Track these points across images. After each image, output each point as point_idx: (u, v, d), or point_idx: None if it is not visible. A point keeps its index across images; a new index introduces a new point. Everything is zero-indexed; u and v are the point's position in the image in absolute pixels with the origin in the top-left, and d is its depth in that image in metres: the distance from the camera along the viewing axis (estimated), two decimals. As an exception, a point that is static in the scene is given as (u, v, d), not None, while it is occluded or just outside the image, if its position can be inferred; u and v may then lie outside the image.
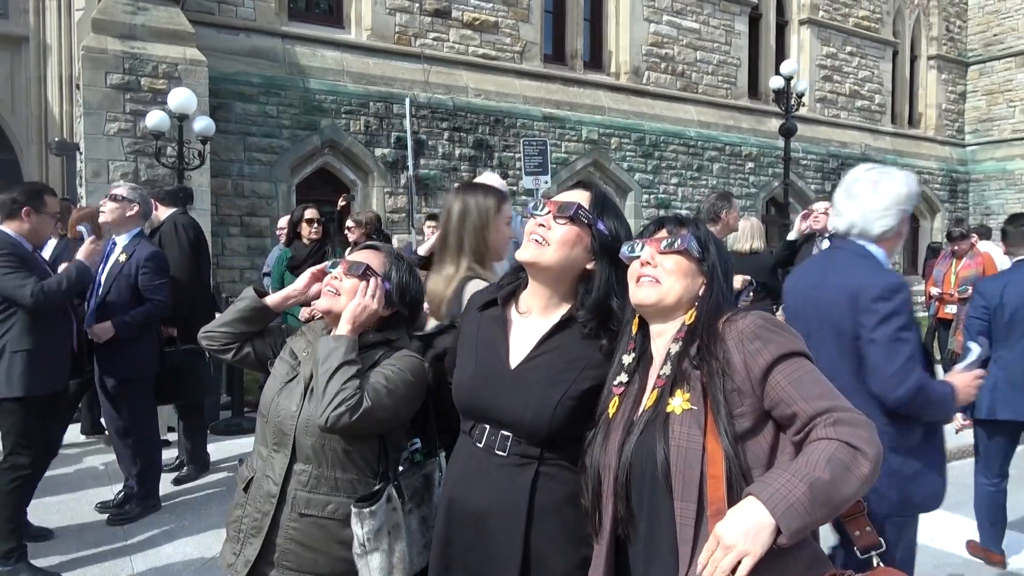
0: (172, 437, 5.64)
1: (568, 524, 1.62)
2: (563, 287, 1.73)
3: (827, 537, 2.07)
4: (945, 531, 4.44)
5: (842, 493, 1.26)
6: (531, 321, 1.76)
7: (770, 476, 1.30)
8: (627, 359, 1.59)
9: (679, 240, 1.54)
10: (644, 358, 1.59)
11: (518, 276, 1.83)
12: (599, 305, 1.69)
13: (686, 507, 1.36)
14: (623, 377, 1.58)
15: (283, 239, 6.35)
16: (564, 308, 1.73)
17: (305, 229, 5.78)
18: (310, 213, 5.87)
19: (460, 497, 1.71)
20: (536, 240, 1.69)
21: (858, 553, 1.49)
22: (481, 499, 1.67)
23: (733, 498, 1.32)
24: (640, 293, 1.54)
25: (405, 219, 11.18)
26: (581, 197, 1.74)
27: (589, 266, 1.71)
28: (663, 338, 1.55)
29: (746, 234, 5.32)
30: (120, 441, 4.52)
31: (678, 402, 1.42)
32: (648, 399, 1.49)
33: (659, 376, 1.50)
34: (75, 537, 4.07)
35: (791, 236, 5.73)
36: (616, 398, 1.56)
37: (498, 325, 1.78)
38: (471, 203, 2.28)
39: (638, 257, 1.57)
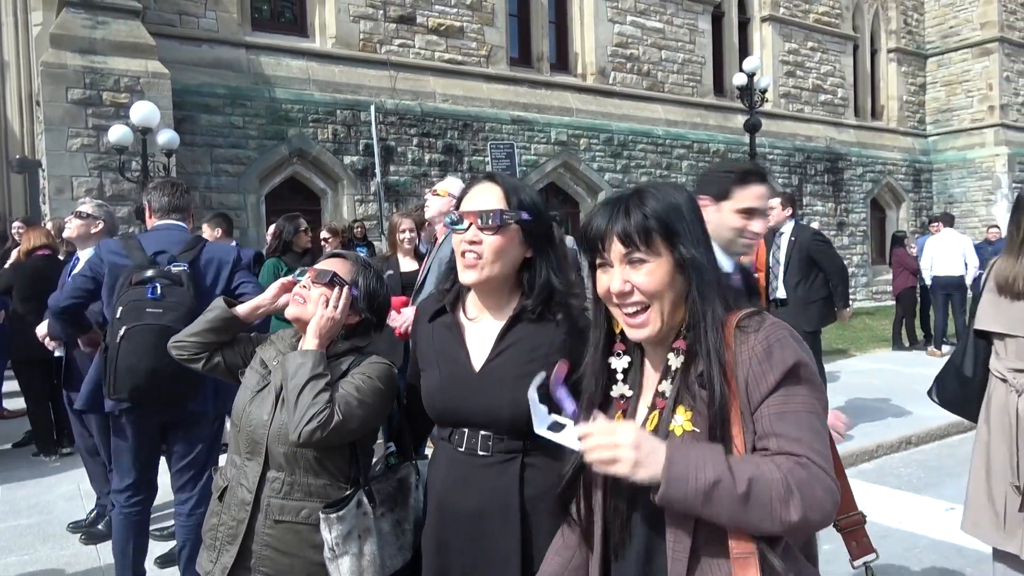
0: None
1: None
2: (508, 284, 1.74)
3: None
4: (913, 513, 4.54)
5: (748, 518, 1.14)
6: (484, 321, 1.76)
7: (701, 448, 1.18)
8: (619, 364, 1.38)
9: (651, 248, 1.29)
10: (634, 359, 1.40)
11: (457, 279, 1.77)
12: (544, 288, 1.70)
13: (679, 537, 1.22)
14: (625, 389, 1.37)
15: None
16: (514, 301, 1.74)
17: (303, 239, 5.90)
18: (303, 224, 5.97)
19: (450, 501, 1.71)
20: (471, 262, 1.66)
21: (852, 564, 1.43)
22: (472, 500, 1.67)
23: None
24: (636, 333, 1.31)
25: (376, 227, 11.14)
26: (493, 194, 1.70)
27: (528, 255, 1.72)
28: (660, 345, 1.36)
29: None
30: (91, 459, 4.45)
31: (679, 420, 1.25)
32: (649, 422, 1.31)
33: (659, 395, 1.32)
34: (49, 557, 4.01)
35: None
36: (620, 413, 1.36)
37: (452, 332, 1.77)
38: None
39: (608, 287, 1.32)
